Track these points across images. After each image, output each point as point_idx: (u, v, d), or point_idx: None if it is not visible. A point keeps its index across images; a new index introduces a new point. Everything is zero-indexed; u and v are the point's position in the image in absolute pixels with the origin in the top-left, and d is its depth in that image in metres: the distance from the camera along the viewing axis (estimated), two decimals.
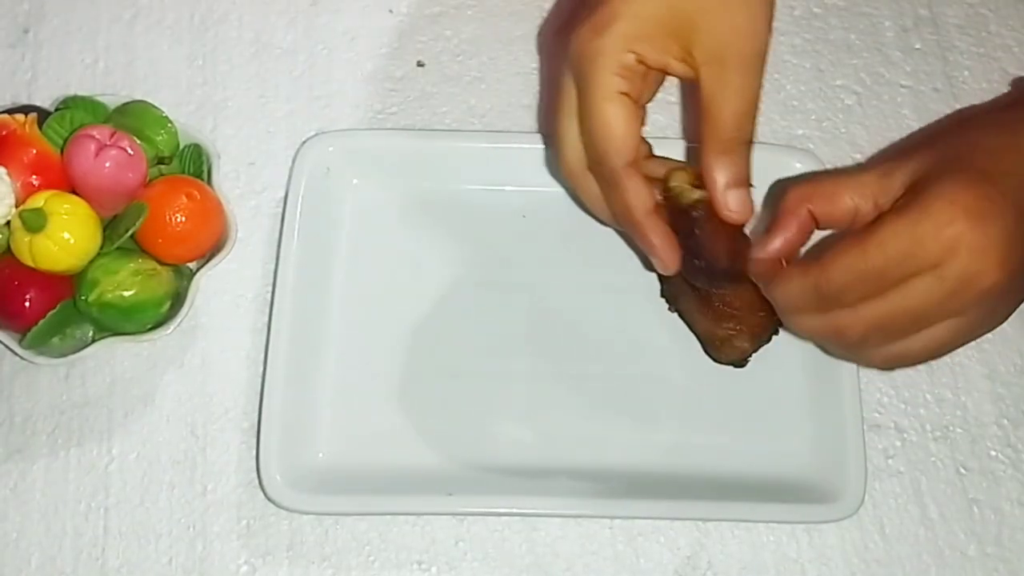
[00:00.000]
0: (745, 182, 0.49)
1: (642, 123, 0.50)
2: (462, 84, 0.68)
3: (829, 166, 0.64)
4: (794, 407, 0.59)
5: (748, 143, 0.49)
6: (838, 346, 0.51)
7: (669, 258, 0.51)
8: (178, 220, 0.56)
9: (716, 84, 0.48)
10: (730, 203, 0.49)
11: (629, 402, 0.59)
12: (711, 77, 0.48)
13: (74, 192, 0.56)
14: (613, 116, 0.48)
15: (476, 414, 0.59)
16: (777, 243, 0.50)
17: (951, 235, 0.44)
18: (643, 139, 0.52)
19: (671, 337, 0.60)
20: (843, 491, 0.56)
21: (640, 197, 0.50)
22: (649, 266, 0.56)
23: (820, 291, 0.47)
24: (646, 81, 0.50)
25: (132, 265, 0.56)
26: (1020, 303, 0.49)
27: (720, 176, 0.49)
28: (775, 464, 0.58)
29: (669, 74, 0.50)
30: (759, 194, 0.63)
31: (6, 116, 0.56)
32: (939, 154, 0.47)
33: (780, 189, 0.54)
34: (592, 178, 0.52)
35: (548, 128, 0.58)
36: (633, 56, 0.48)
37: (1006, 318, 0.49)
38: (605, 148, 0.49)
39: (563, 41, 0.51)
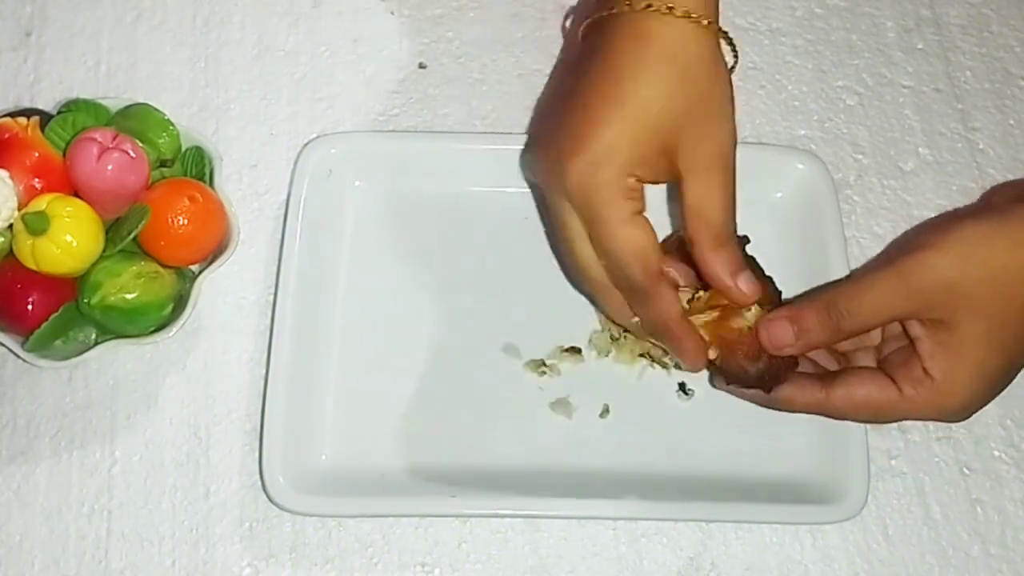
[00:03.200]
0: (743, 267, 0.52)
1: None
2: (464, 86, 0.68)
3: (831, 166, 0.64)
4: None
5: (735, 235, 0.52)
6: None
7: (700, 360, 0.54)
8: (180, 223, 0.56)
9: (703, 188, 0.51)
10: (741, 287, 0.52)
11: (632, 403, 0.59)
12: (698, 183, 0.51)
13: (76, 195, 0.56)
14: (635, 238, 0.50)
15: (479, 415, 0.59)
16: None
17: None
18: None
19: None
20: (846, 492, 0.56)
21: (673, 305, 0.52)
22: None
23: (823, 408, 0.54)
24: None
25: (134, 268, 0.56)
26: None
27: (722, 269, 0.51)
28: (778, 465, 0.58)
29: (658, 183, 0.52)
30: (764, 194, 0.63)
31: (8, 119, 0.56)
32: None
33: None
34: (616, 292, 0.53)
35: (557, 251, 0.60)
36: (634, 179, 0.50)
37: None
38: (632, 268, 0.51)
39: (548, 170, 0.52)
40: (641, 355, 0.60)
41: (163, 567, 0.56)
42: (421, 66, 0.69)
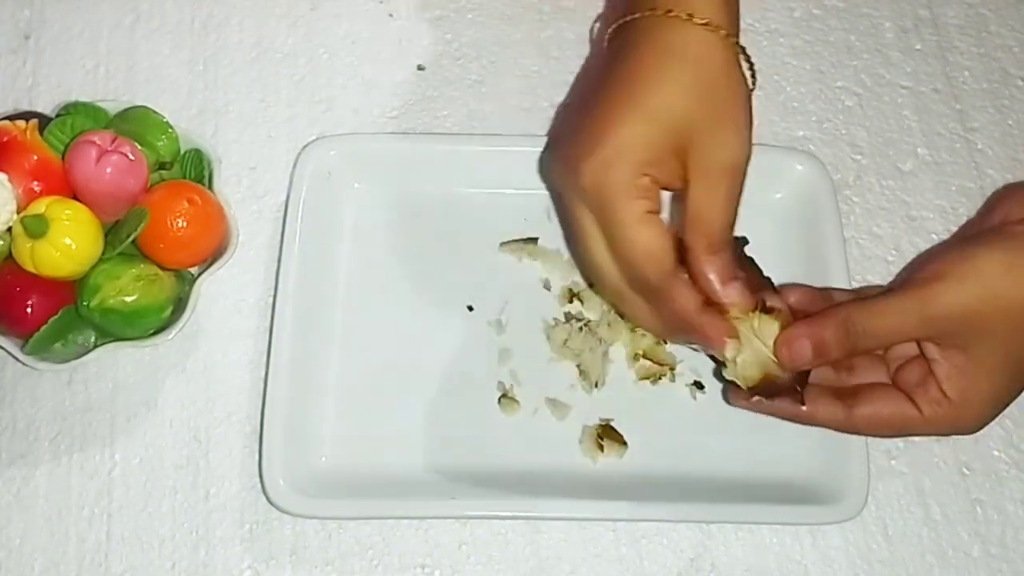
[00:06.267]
0: (735, 276, 0.52)
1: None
2: (462, 88, 0.68)
3: (830, 167, 0.64)
4: None
5: (731, 245, 0.52)
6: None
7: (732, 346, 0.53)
8: (179, 225, 0.56)
9: (707, 194, 0.51)
10: (731, 295, 0.52)
11: (632, 404, 0.59)
12: (704, 189, 0.51)
13: (75, 198, 0.56)
14: (649, 238, 0.50)
15: (479, 417, 0.59)
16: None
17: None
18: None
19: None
20: (846, 492, 0.56)
21: (690, 301, 0.51)
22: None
23: (845, 425, 0.54)
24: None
25: (134, 270, 0.56)
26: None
27: (714, 276, 0.51)
28: (778, 466, 0.58)
29: (671, 189, 0.52)
30: (763, 195, 0.63)
31: (7, 122, 0.56)
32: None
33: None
34: (637, 297, 0.53)
35: (576, 256, 0.60)
36: (648, 178, 0.50)
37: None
38: (646, 268, 0.50)
39: (563, 171, 0.52)
40: (637, 354, 0.60)
41: (163, 570, 0.56)
42: (420, 68, 0.69)
